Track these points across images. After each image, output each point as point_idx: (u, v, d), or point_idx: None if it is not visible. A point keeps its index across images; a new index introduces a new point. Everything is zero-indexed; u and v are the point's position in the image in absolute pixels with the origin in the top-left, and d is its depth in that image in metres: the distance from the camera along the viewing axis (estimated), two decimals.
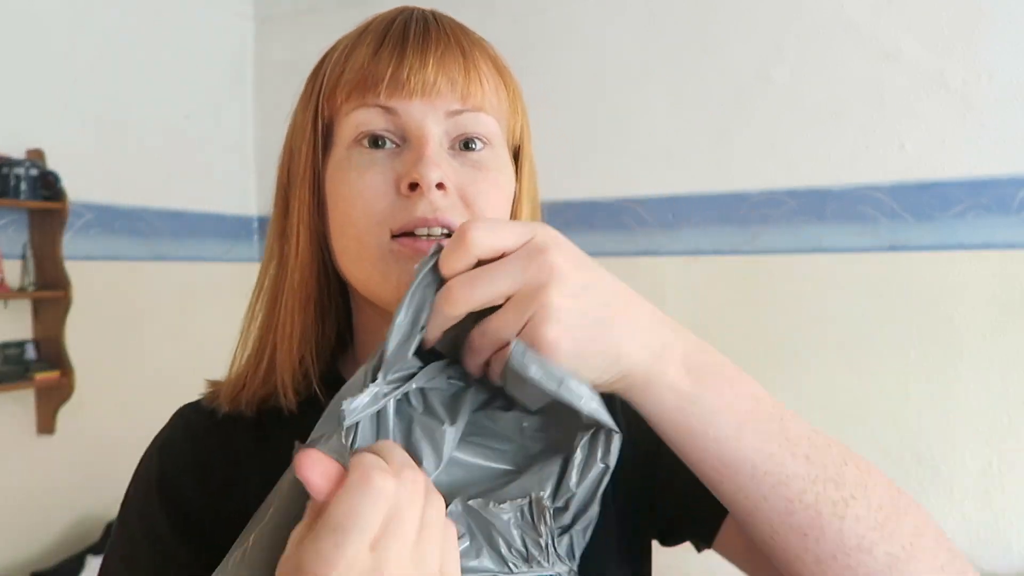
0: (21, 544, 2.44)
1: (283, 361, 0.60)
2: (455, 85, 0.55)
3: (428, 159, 0.53)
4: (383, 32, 0.56)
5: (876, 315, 2.28)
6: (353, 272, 0.57)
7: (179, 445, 0.62)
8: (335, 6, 3.03)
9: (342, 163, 0.56)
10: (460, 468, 0.45)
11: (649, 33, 2.55)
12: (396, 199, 0.54)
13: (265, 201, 3.28)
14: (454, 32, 0.57)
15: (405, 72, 0.54)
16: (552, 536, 0.44)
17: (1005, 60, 2.13)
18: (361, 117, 0.55)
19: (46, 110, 2.52)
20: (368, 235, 0.54)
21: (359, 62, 0.55)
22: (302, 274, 0.59)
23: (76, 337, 2.46)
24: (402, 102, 0.54)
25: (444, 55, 0.55)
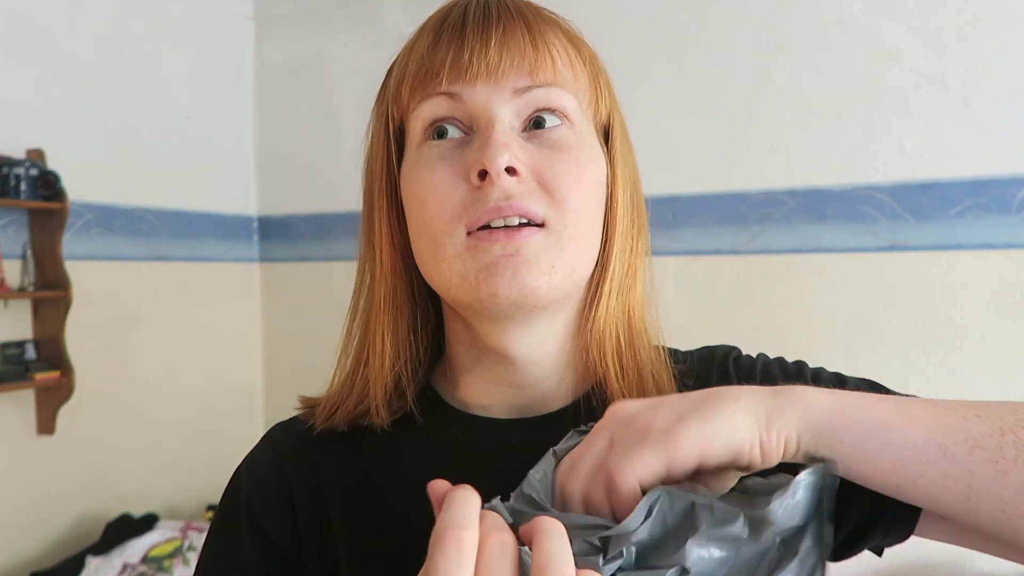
0: (21, 544, 2.44)
1: (375, 379, 0.57)
2: (521, 61, 0.51)
3: (495, 143, 0.49)
4: (442, 20, 0.53)
5: (876, 315, 2.28)
6: (433, 277, 0.54)
7: (266, 468, 0.59)
8: (335, 6, 3.03)
9: (413, 163, 0.53)
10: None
11: (649, 33, 2.54)
12: (468, 192, 0.50)
13: (265, 201, 3.30)
14: (518, 7, 0.54)
15: (466, 55, 0.50)
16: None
17: (1005, 60, 2.13)
18: (427, 109, 0.52)
19: (46, 110, 2.52)
20: (443, 234, 0.51)
21: (419, 54, 0.53)
22: (387, 289, 0.57)
23: (76, 337, 2.46)
24: (465, 87, 0.51)
25: (506, 32, 0.51)
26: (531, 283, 0.50)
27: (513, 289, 0.50)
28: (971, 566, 2.14)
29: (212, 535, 0.59)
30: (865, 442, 0.40)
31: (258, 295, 3.31)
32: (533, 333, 0.54)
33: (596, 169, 0.54)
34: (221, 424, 3.03)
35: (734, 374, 0.59)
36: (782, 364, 0.60)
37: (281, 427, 0.62)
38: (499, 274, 0.49)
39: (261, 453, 0.61)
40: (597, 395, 0.56)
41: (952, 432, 0.39)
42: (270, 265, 3.30)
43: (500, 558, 0.35)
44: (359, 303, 0.59)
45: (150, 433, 2.80)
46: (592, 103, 0.55)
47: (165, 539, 2.50)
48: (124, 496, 2.69)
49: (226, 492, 0.60)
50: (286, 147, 3.18)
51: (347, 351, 0.59)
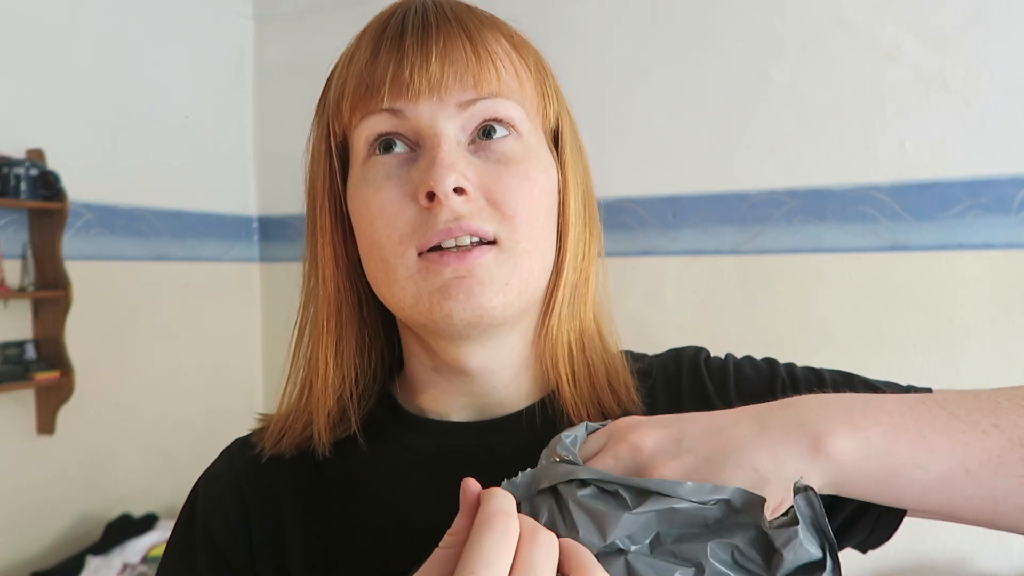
0: (21, 544, 2.44)
1: (318, 403, 0.56)
2: (464, 74, 0.50)
3: (441, 163, 0.48)
4: (380, 32, 0.52)
5: (876, 315, 2.28)
6: (386, 297, 0.53)
7: (222, 484, 0.59)
8: (335, 6, 3.03)
9: (359, 181, 0.52)
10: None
11: (649, 33, 2.55)
12: (417, 213, 0.49)
13: (265, 201, 3.30)
14: (457, 15, 0.52)
15: (406, 71, 0.49)
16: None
17: (1005, 60, 2.13)
18: (369, 125, 0.51)
19: (46, 110, 2.52)
20: (393, 256, 0.50)
21: (358, 68, 0.51)
22: (330, 310, 0.55)
23: (76, 337, 2.46)
24: (408, 103, 0.50)
25: (447, 44, 0.50)
26: (485, 303, 0.49)
27: (467, 311, 0.49)
28: (971, 566, 2.14)
29: (169, 552, 0.59)
30: (891, 483, 0.40)
31: (258, 295, 3.31)
32: (490, 348, 0.54)
33: (546, 179, 0.53)
34: (221, 423, 3.03)
35: (707, 375, 0.58)
36: (753, 364, 0.60)
37: (239, 443, 0.62)
38: (452, 296, 0.49)
39: (218, 469, 0.60)
40: (555, 398, 0.56)
41: (975, 453, 0.39)
42: (270, 265, 3.30)
43: (547, 555, 0.35)
44: (304, 326, 0.57)
45: (150, 433, 2.80)
46: (539, 110, 0.54)
47: (165, 539, 2.50)
48: (124, 496, 2.69)
49: (183, 509, 0.60)
50: (286, 147, 3.16)
51: (294, 374, 0.58)
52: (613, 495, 0.40)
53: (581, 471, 0.41)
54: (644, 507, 0.39)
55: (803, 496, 0.37)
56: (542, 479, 0.43)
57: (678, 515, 0.39)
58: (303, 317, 0.58)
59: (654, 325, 2.53)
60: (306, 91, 2.30)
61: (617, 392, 0.57)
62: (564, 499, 0.41)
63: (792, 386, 0.57)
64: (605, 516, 0.39)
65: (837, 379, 0.57)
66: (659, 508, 0.39)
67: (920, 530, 2.08)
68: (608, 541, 0.39)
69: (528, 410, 0.57)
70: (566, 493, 0.41)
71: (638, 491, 0.40)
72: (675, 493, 0.39)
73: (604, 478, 0.41)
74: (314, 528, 0.55)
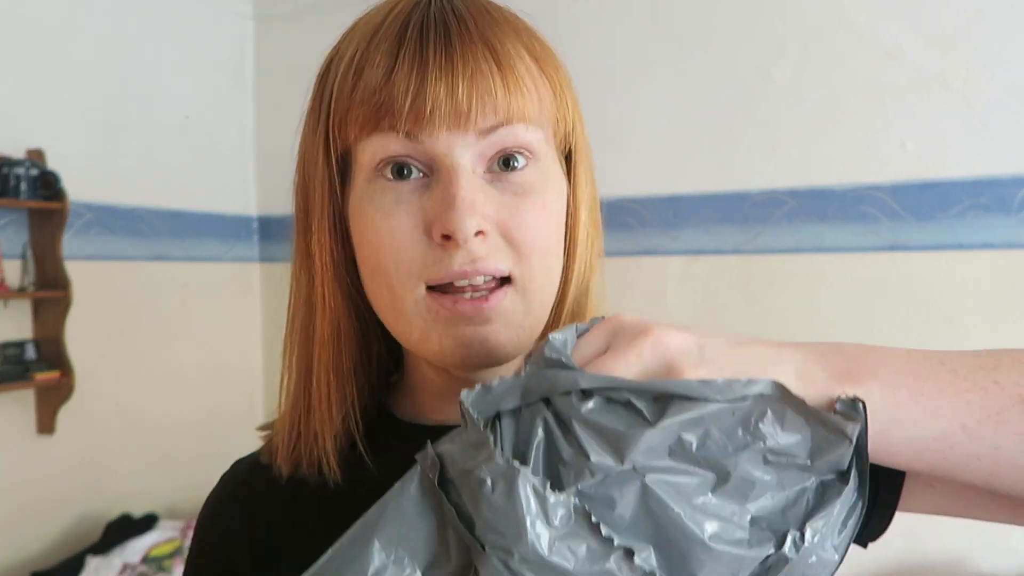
0: (21, 544, 2.44)
1: (323, 425, 0.53)
2: (490, 101, 0.46)
3: (461, 203, 0.44)
4: (396, 42, 0.46)
5: (876, 315, 2.28)
6: (390, 323, 0.50)
7: (227, 506, 0.58)
8: (335, 6, 3.02)
9: (363, 199, 0.48)
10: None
11: (650, 33, 2.54)
12: (428, 248, 0.46)
13: (265, 201, 3.30)
14: (481, 29, 0.47)
15: (429, 102, 0.45)
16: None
17: (1005, 60, 2.13)
18: (379, 143, 0.47)
19: (46, 110, 2.52)
20: (401, 287, 0.47)
21: (372, 84, 0.46)
22: (333, 327, 0.52)
23: (76, 337, 2.46)
24: (424, 130, 0.46)
25: (475, 70, 0.46)
26: (499, 351, 0.48)
27: (481, 357, 0.48)
28: (971, 566, 2.14)
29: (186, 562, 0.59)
30: (884, 439, 0.38)
31: (258, 295, 3.31)
32: (499, 369, 0.53)
33: (560, 204, 0.51)
34: (221, 424, 3.03)
35: None
36: None
37: (243, 464, 0.61)
38: (466, 346, 0.47)
39: (224, 489, 0.60)
40: None
41: (975, 410, 0.38)
42: (270, 265, 3.30)
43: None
44: (295, 325, 0.54)
45: (150, 433, 2.80)
46: (556, 126, 0.51)
47: (165, 539, 2.50)
48: (124, 496, 2.69)
49: (192, 542, 0.60)
50: (286, 147, 3.13)
51: (293, 387, 0.55)
52: (624, 405, 0.34)
53: (585, 378, 0.35)
54: (668, 418, 0.33)
55: (852, 405, 0.35)
56: (531, 389, 0.36)
57: (704, 422, 0.34)
58: (296, 327, 0.55)
59: None
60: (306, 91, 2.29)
61: None
62: (565, 416, 0.35)
63: None
64: (622, 436, 0.33)
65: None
66: (686, 418, 0.33)
67: (920, 531, 2.08)
68: (626, 465, 0.33)
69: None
70: (564, 408, 0.35)
71: (655, 399, 0.34)
72: (702, 395, 0.33)
73: (615, 385, 0.34)
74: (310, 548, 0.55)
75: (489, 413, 0.36)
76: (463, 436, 0.37)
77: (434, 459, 0.37)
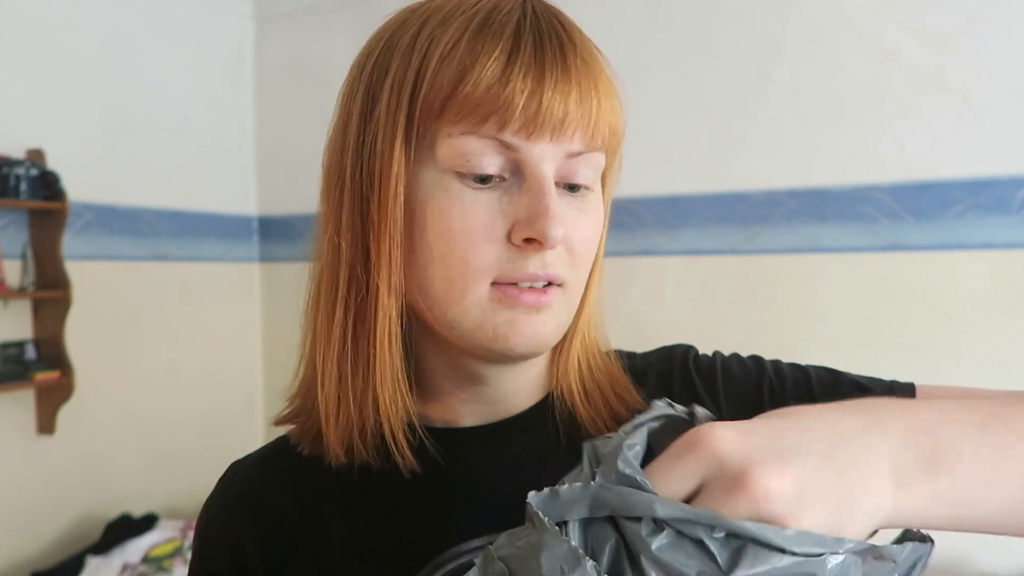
0: (21, 544, 2.44)
1: (391, 416, 0.52)
2: (588, 125, 0.48)
3: (552, 215, 0.46)
4: (510, 44, 0.46)
5: (876, 315, 2.28)
6: (435, 311, 0.50)
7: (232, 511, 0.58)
8: (335, 6, 3.03)
9: (436, 189, 0.48)
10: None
11: (650, 33, 2.55)
12: (504, 250, 0.48)
13: (265, 201, 3.30)
14: (584, 50, 0.49)
15: (543, 111, 0.46)
16: None
17: (1005, 60, 2.13)
18: (470, 147, 0.47)
19: (46, 110, 2.52)
20: (465, 280, 0.48)
21: (485, 81, 0.45)
22: (396, 312, 0.51)
23: (76, 337, 2.46)
24: (526, 140, 0.47)
25: (583, 90, 0.47)
26: (544, 340, 0.50)
27: (529, 346, 0.50)
28: (971, 566, 2.14)
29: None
30: (954, 522, 0.38)
31: (258, 295, 3.31)
32: (520, 368, 0.55)
33: (602, 219, 0.54)
34: (221, 424, 3.03)
35: (695, 374, 0.60)
36: (740, 361, 0.61)
37: (235, 467, 0.61)
38: (520, 332, 0.49)
39: (221, 497, 0.60)
40: (561, 397, 0.57)
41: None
42: (270, 265, 3.30)
43: None
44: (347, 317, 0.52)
45: (150, 433, 2.80)
46: (611, 153, 0.53)
47: (165, 539, 2.50)
48: (124, 496, 2.69)
49: (194, 544, 0.61)
50: (286, 147, 3.18)
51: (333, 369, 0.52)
52: (696, 543, 0.32)
53: (661, 506, 0.32)
54: (741, 570, 0.31)
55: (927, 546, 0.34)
56: (601, 503, 0.34)
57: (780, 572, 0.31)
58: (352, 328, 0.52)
59: (654, 325, 2.53)
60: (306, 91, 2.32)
61: (618, 391, 0.58)
62: (634, 547, 0.33)
63: (780, 385, 0.58)
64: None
65: (823, 377, 0.58)
66: (761, 571, 0.31)
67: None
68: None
69: (535, 408, 0.58)
70: (634, 537, 0.33)
71: (728, 535, 0.32)
72: (787, 547, 0.31)
73: (693, 519, 0.32)
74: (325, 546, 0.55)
75: (555, 519, 0.35)
76: (528, 538, 0.35)
77: (503, 571, 0.35)
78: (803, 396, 0.57)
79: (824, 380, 0.58)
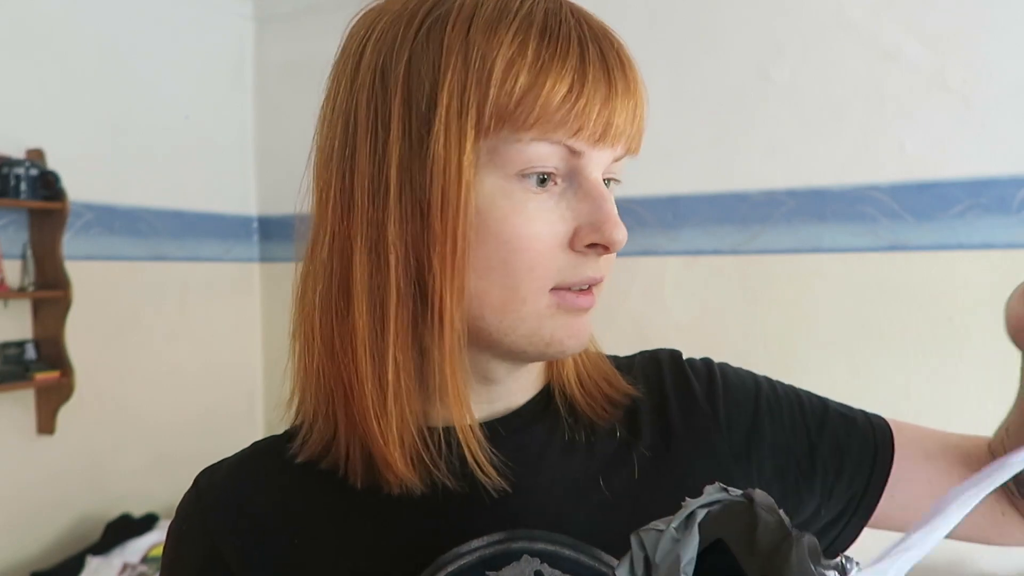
0: (21, 544, 2.44)
1: (465, 428, 0.50)
2: (636, 134, 0.50)
3: (617, 221, 0.48)
4: (579, 51, 0.47)
5: (876, 315, 2.28)
6: (487, 317, 0.49)
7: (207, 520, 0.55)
8: (335, 6, 3.02)
9: (499, 198, 0.47)
10: None
11: (649, 33, 2.54)
12: (564, 255, 0.48)
13: (265, 201, 3.30)
14: (631, 60, 0.51)
15: (613, 124, 0.47)
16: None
17: (1005, 60, 2.13)
18: (539, 152, 0.47)
19: (46, 110, 2.52)
20: (527, 288, 0.48)
21: (560, 89, 0.45)
22: (461, 322, 0.49)
23: (76, 337, 2.46)
24: (591, 146, 0.48)
25: (638, 103, 0.50)
26: (588, 338, 0.52)
27: (580, 347, 0.51)
28: (971, 566, 2.14)
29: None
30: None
31: (258, 295, 3.31)
32: (530, 365, 0.56)
33: None
34: (221, 424, 3.03)
35: (692, 375, 0.61)
36: (736, 371, 0.62)
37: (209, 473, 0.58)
38: (574, 335, 0.50)
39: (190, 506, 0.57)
40: (557, 389, 0.58)
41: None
42: (270, 265, 3.30)
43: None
44: (401, 351, 0.49)
45: (150, 433, 2.80)
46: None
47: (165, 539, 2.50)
48: (124, 496, 2.69)
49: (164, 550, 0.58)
50: (286, 147, 3.18)
51: (400, 412, 0.50)
52: None
53: None
54: None
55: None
56: None
57: None
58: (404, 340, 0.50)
59: (654, 325, 2.53)
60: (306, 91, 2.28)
61: (608, 379, 0.59)
62: None
63: (776, 402, 0.60)
64: None
65: (814, 402, 0.61)
66: None
67: None
68: None
69: (534, 402, 0.58)
70: None
71: None
72: None
73: None
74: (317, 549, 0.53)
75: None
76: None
77: None
78: (796, 416, 0.59)
79: (815, 405, 0.61)
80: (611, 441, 0.56)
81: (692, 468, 0.56)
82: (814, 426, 0.59)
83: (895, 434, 0.60)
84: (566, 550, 0.51)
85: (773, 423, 0.59)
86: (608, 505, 0.53)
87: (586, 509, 0.53)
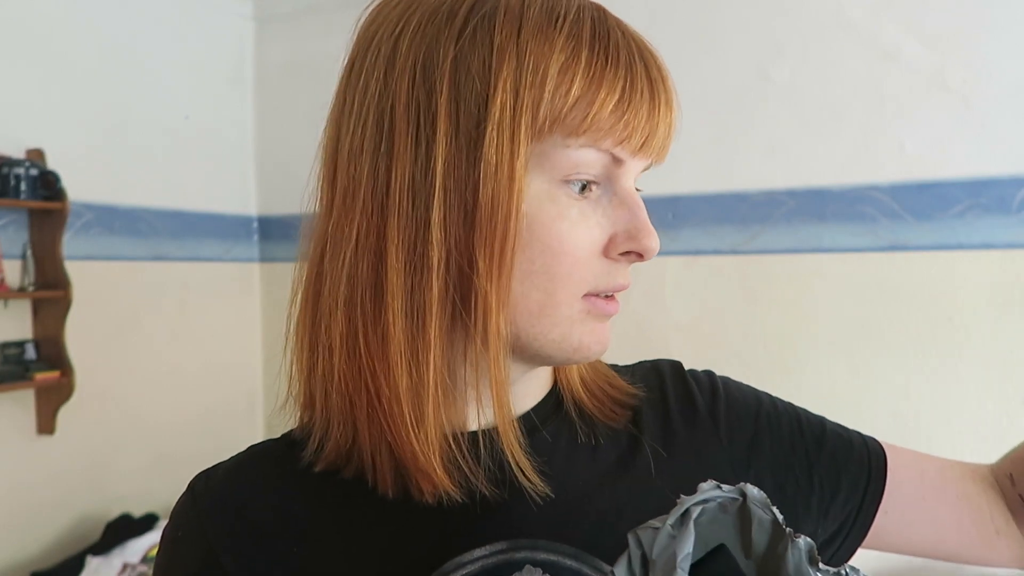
0: (21, 544, 2.44)
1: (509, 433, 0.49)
2: (668, 145, 0.51)
3: (652, 232, 0.50)
4: (628, 68, 0.47)
5: (876, 315, 2.28)
6: (520, 321, 0.48)
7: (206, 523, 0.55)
8: (335, 6, 3.02)
9: (545, 203, 0.47)
10: None
11: (649, 33, 2.53)
12: (600, 263, 0.49)
13: (265, 201, 3.29)
14: (669, 75, 0.52)
15: (656, 135, 0.49)
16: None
17: (1005, 60, 2.13)
18: (586, 158, 0.47)
19: (46, 110, 2.52)
20: (564, 293, 0.48)
21: (613, 98, 0.46)
22: (506, 326, 0.48)
23: (76, 337, 2.46)
24: (632, 155, 0.49)
25: (675, 115, 0.51)
26: (609, 342, 0.52)
27: (603, 351, 0.52)
28: (971, 566, 2.14)
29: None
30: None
31: (258, 295, 3.31)
32: (541, 369, 0.55)
33: None
34: (221, 424, 3.03)
35: (695, 386, 0.61)
36: (737, 384, 0.63)
37: (205, 476, 0.58)
38: (599, 340, 0.51)
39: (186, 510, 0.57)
40: (559, 394, 0.57)
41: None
42: (270, 265, 3.30)
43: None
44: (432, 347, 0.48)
45: (150, 432, 2.80)
46: None
47: None
48: (124, 496, 2.69)
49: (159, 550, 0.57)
50: (286, 147, 3.18)
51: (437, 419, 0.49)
52: None
53: None
54: None
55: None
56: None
57: None
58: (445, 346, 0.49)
59: (654, 325, 2.53)
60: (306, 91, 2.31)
61: (610, 381, 0.59)
62: None
63: (776, 418, 0.60)
64: None
65: (812, 420, 0.61)
66: None
67: None
68: None
69: (542, 405, 0.57)
70: None
71: None
72: None
73: None
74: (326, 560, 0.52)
75: None
76: None
77: None
78: (795, 433, 0.60)
79: (813, 424, 0.61)
80: (617, 446, 0.56)
81: (693, 478, 0.55)
82: (813, 444, 0.59)
83: (889, 456, 0.61)
84: (568, 560, 0.50)
85: (773, 439, 0.59)
86: (612, 513, 0.53)
87: (590, 517, 0.52)
